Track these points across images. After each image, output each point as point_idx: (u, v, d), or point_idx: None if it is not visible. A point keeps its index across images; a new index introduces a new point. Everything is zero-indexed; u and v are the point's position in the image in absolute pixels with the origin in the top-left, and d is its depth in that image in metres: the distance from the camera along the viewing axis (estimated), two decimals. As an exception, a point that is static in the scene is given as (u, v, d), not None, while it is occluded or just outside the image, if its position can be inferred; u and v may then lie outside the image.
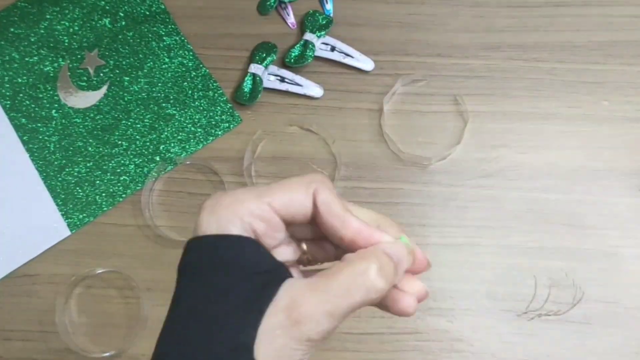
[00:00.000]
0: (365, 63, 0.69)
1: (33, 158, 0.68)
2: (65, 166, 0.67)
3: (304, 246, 0.37)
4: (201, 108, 0.69)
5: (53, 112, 0.69)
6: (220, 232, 0.33)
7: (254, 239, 0.33)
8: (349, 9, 0.71)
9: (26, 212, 0.66)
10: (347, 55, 0.69)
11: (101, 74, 0.70)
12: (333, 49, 0.69)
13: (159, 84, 0.70)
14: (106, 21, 0.72)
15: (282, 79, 0.68)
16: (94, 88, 0.70)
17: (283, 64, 0.69)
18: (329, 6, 0.71)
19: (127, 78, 0.70)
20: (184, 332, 0.31)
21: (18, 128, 0.69)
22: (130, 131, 0.68)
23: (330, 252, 0.37)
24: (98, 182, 0.67)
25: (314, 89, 0.68)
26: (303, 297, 0.31)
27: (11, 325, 0.63)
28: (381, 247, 0.34)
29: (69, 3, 0.73)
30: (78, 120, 0.69)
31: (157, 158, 0.67)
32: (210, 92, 0.69)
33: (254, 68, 0.68)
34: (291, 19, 0.71)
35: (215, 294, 0.32)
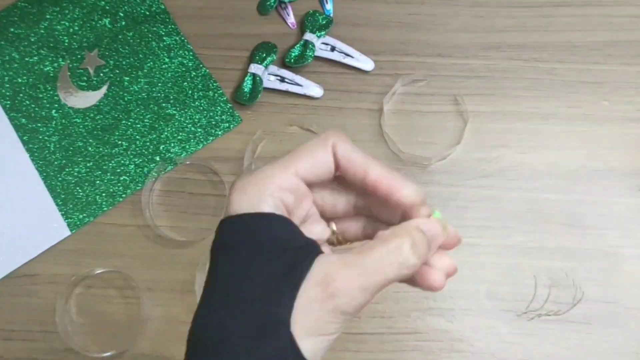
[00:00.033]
0: (365, 63, 0.69)
1: (33, 158, 0.68)
2: (65, 166, 0.67)
3: (333, 226, 0.38)
4: (201, 108, 0.69)
5: (53, 112, 0.69)
6: (251, 211, 0.33)
7: (286, 217, 0.34)
8: (349, 9, 0.71)
9: (26, 212, 0.66)
10: (347, 55, 0.69)
11: (101, 74, 0.70)
12: (333, 49, 0.69)
13: (159, 84, 0.70)
14: (106, 21, 0.72)
15: (282, 79, 0.68)
16: (94, 88, 0.70)
17: (283, 64, 0.69)
18: (329, 6, 0.71)
19: (127, 78, 0.70)
20: (220, 309, 0.32)
21: (18, 128, 0.69)
22: (130, 131, 0.68)
23: (359, 231, 0.38)
24: (98, 182, 0.67)
25: (314, 89, 0.68)
26: (337, 272, 0.32)
27: (11, 325, 0.63)
28: (415, 223, 0.34)
29: (69, 3, 0.73)
30: (78, 120, 0.69)
31: (157, 158, 0.67)
32: (210, 92, 0.69)
33: (254, 68, 0.68)
34: (291, 19, 0.71)
35: (249, 271, 0.32)
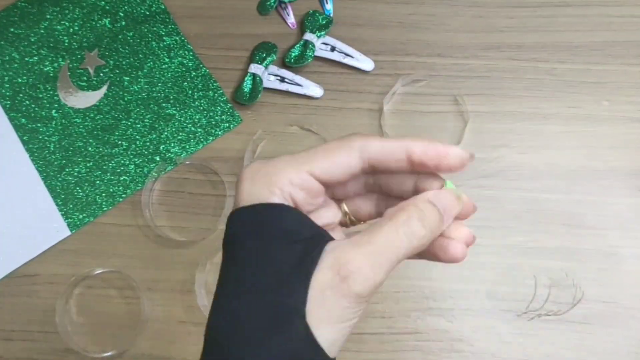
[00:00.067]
0: (365, 63, 0.69)
1: (33, 158, 0.68)
2: (65, 166, 0.67)
3: (345, 207, 0.37)
4: (201, 108, 0.69)
5: (53, 112, 0.69)
6: (260, 202, 0.33)
7: (294, 208, 0.34)
8: (349, 9, 0.71)
9: (26, 212, 0.66)
10: (347, 55, 0.69)
11: (101, 74, 0.70)
12: (333, 49, 0.69)
13: (159, 84, 0.70)
14: (106, 21, 0.72)
15: (282, 79, 0.68)
16: (94, 88, 0.70)
17: (283, 64, 0.69)
18: (329, 6, 0.71)
19: (127, 78, 0.70)
20: (233, 300, 0.32)
21: (18, 128, 0.69)
22: (130, 131, 0.68)
23: (372, 209, 0.38)
24: (98, 182, 0.67)
25: (314, 89, 0.68)
26: (348, 254, 0.31)
27: (11, 325, 0.63)
28: (425, 196, 0.34)
29: (69, 3, 0.72)
30: (78, 120, 0.69)
31: (157, 158, 0.67)
32: (210, 92, 0.69)
33: (254, 68, 0.68)
34: (291, 19, 0.71)
35: (261, 262, 0.32)
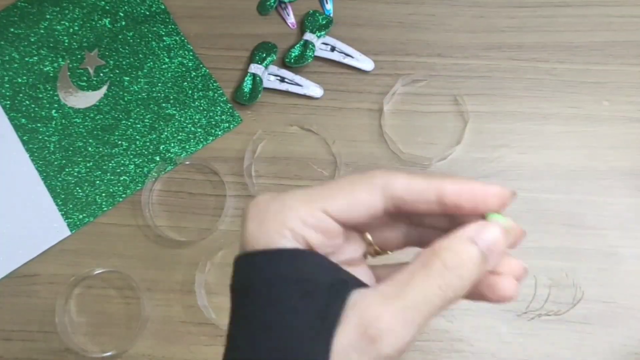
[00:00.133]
0: (365, 63, 0.69)
1: (33, 158, 0.68)
2: (65, 166, 0.67)
3: (369, 237, 0.33)
4: (201, 108, 0.69)
5: (53, 112, 0.69)
6: (270, 247, 0.29)
7: (309, 250, 0.30)
8: (349, 9, 0.71)
9: (26, 212, 0.66)
10: (347, 55, 0.69)
11: (101, 74, 0.70)
12: (333, 49, 0.69)
13: (159, 84, 0.70)
14: (106, 21, 0.72)
15: (282, 79, 0.68)
16: (94, 88, 0.70)
17: (283, 64, 0.69)
18: (329, 6, 0.71)
19: (127, 78, 0.70)
20: None
21: (18, 128, 0.69)
22: (130, 131, 0.68)
23: (400, 238, 0.34)
24: (98, 182, 0.67)
25: (314, 89, 0.68)
26: (376, 310, 0.27)
27: (11, 325, 0.63)
28: (464, 234, 0.29)
29: (69, 3, 0.72)
30: (78, 120, 0.69)
31: (157, 158, 0.67)
32: (210, 92, 0.69)
33: (254, 68, 0.68)
34: (291, 19, 0.71)
35: (275, 320, 0.28)
